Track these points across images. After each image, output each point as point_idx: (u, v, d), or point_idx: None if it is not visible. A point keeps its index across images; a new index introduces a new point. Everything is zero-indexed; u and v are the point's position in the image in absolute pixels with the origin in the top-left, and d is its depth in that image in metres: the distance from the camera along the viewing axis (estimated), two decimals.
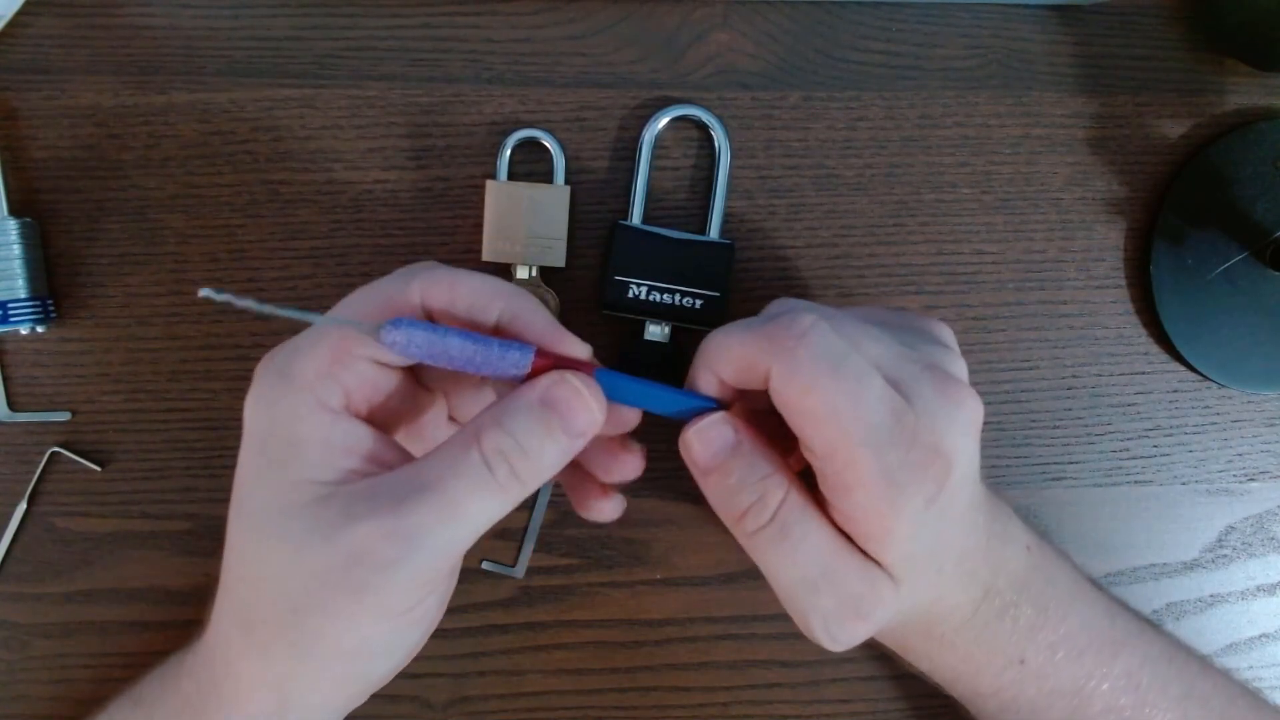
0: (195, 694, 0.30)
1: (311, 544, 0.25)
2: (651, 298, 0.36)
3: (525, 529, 0.39)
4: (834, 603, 0.28)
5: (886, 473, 0.26)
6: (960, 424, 0.27)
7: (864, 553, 0.28)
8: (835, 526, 0.28)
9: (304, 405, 0.26)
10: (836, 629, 0.28)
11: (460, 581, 0.37)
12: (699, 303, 0.37)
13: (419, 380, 0.30)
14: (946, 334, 0.31)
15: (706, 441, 0.28)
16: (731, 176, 0.38)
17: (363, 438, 0.27)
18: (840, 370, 0.26)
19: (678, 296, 0.36)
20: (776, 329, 0.27)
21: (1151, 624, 0.35)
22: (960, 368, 0.30)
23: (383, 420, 0.28)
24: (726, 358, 0.28)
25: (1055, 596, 0.33)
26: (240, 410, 0.27)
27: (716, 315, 0.37)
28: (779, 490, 0.28)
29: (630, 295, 0.36)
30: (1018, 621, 0.32)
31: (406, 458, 0.27)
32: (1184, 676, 0.34)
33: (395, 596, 0.25)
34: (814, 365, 0.26)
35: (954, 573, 0.30)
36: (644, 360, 0.37)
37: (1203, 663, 0.35)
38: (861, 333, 0.28)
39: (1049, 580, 0.33)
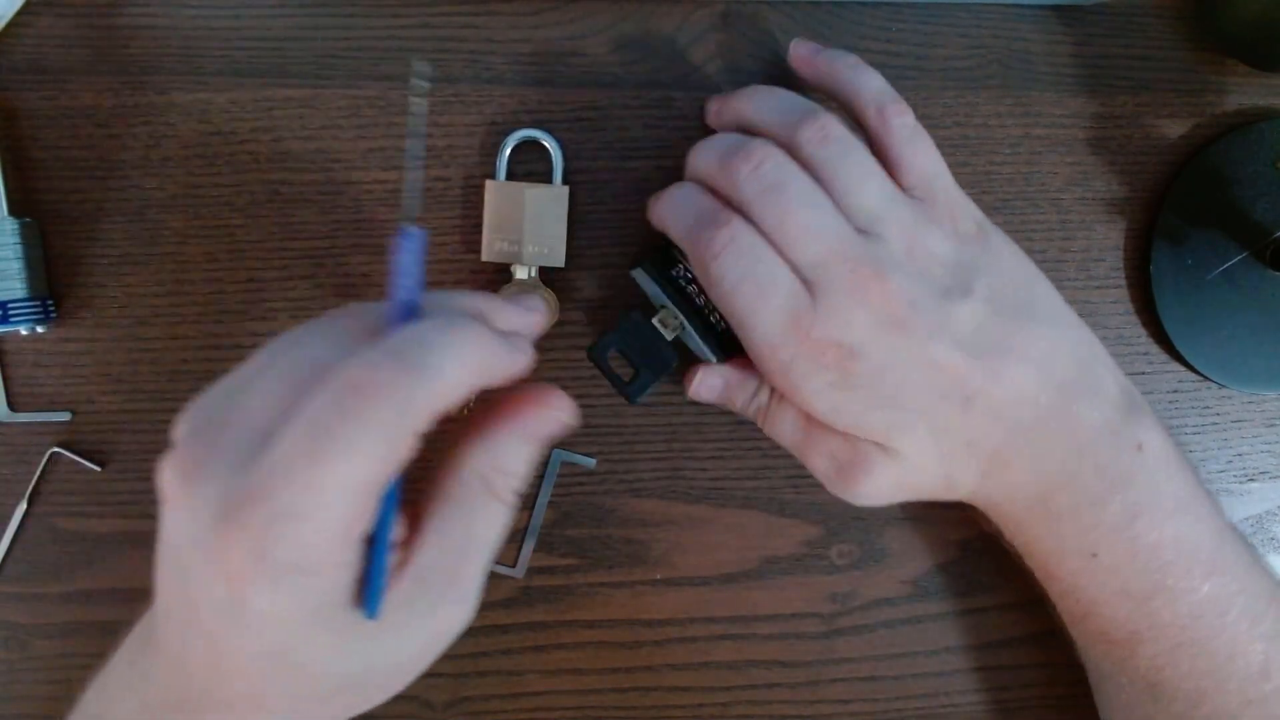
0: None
1: (376, 654, 0.25)
2: (690, 290, 0.34)
3: (525, 529, 0.39)
4: (825, 464, 0.34)
5: (784, 365, 0.31)
6: (863, 318, 0.30)
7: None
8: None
9: (330, 613, 0.23)
10: (840, 488, 0.34)
11: None
12: (723, 327, 0.35)
13: None
14: (941, 219, 0.32)
15: (708, 392, 0.36)
16: None
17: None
18: (742, 283, 0.31)
19: (715, 315, 0.35)
20: (700, 238, 0.31)
21: (1265, 563, 0.34)
22: (915, 251, 0.31)
23: None
24: (667, 228, 0.34)
25: (1155, 503, 0.32)
26: None
27: (724, 351, 0.35)
28: (766, 398, 0.35)
29: (675, 273, 0.35)
30: (1100, 516, 0.32)
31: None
32: (1274, 612, 0.33)
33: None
34: (722, 277, 0.31)
35: (1001, 448, 0.32)
36: (632, 342, 0.35)
37: None
38: (802, 227, 0.30)
39: (1154, 486, 0.32)
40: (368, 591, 0.24)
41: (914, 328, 0.30)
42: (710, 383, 0.36)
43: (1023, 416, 0.32)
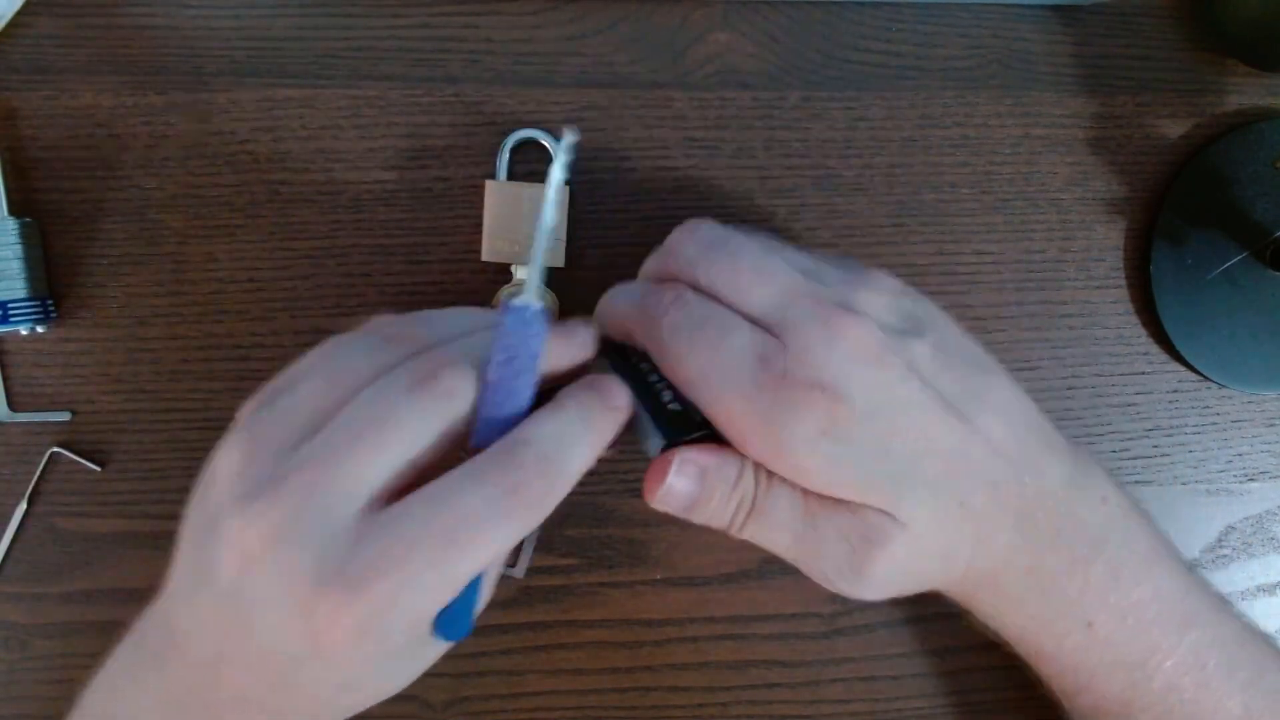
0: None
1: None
2: (644, 367, 0.30)
3: None
4: (834, 549, 0.29)
5: (762, 415, 0.27)
6: (842, 353, 0.27)
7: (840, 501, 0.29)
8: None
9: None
10: (852, 575, 0.29)
11: None
12: (676, 408, 0.29)
13: None
14: (876, 276, 0.30)
15: (682, 488, 0.29)
16: (734, 175, 0.38)
17: None
18: (697, 336, 0.28)
19: (668, 393, 0.30)
20: (644, 307, 0.29)
21: (1227, 603, 0.33)
22: (863, 297, 0.29)
23: None
24: (613, 326, 0.31)
25: (1131, 559, 0.31)
26: (238, 406, 0.27)
27: (673, 432, 0.29)
28: (751, 484, 0.29)
29: (630, 356, 0.31)
30: (1088, 580, 0.31)
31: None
32: (1254, 662, 0.32)
33: None
34: (674, 339, 0.28)
35: (988, 508, 0.29)
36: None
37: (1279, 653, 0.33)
38: (754, 270, 0.29)
39: (1126, 540, 0.31)
40: (449, 615, 0.25)
41: (890, 364, 0.28)
42: (684, 477, 0.29)
43: (998, 472, 0.30)
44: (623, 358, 0.30)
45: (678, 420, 0.29)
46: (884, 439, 0.28)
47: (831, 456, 0.28)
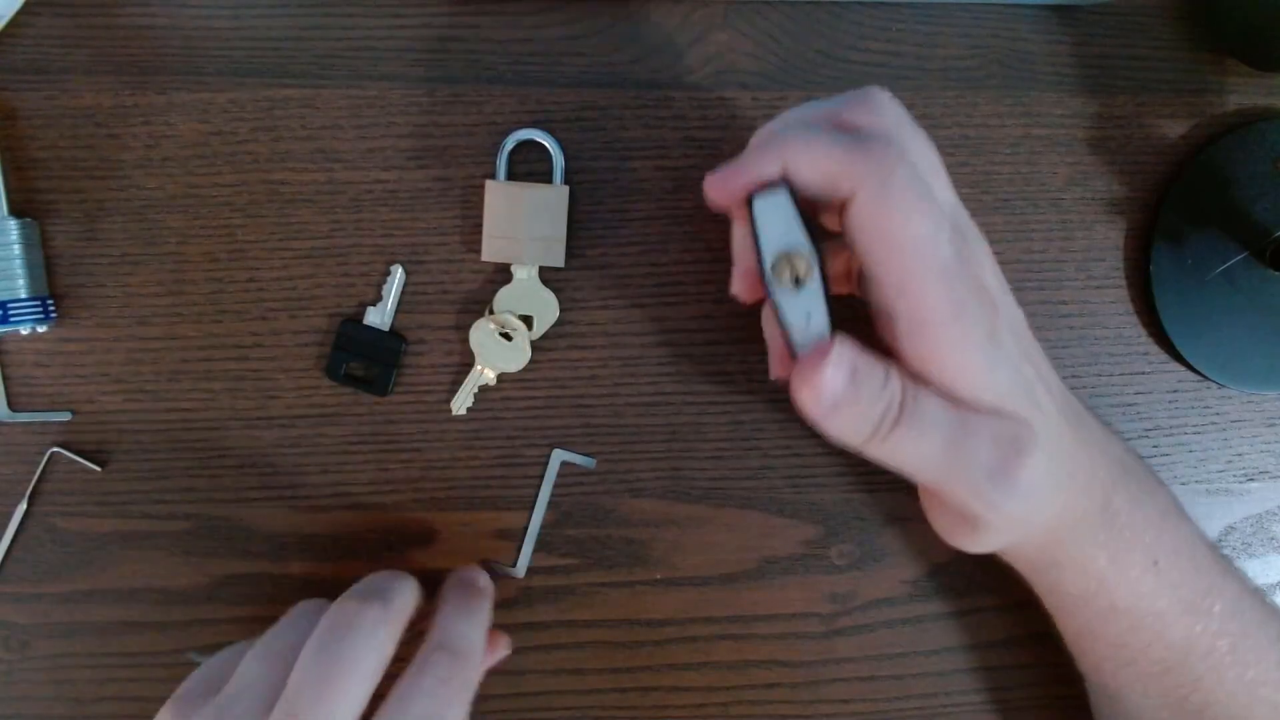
0: None
1: None
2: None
3: (525, 529, 0.39)
4: (987, 452, 0.28)
5: (956, 305, 0.27)
6: (992, 264, 0.30)
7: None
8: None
9: None
10: (1005, 478, 0.28)
11: None
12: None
13: None
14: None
15: (831, 391, 0.28)
16: None
17: None
18: (925, 204, 0.27)
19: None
20: (872, 152, 0.27)
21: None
22: None
23: None
24: (809, 161, 0.27)
25: (1170, 499, 0.32)
26: (238, 406, 0.27)
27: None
28: (899, 386, 0.28)
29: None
30: (1149, 517, 0.31)
31: None
32: (1277, 618, 0.33)
33: None
34: (905, 196, 0.27)
35: (1088, 437, 0.31)
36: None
37: None
38: (935, 168, 0.29)
39: (1159, 481, 0.33)
40: None
41: (1006, 286, 0.30)
42: (837, 371, 0.27)
43: (1067, 405, 0.32)
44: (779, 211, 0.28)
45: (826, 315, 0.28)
46: (1022, 351, 0.30)
47: (992, 360, 0.28)
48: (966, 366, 0.28)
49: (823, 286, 0.28)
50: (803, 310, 0.28)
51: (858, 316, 0.31)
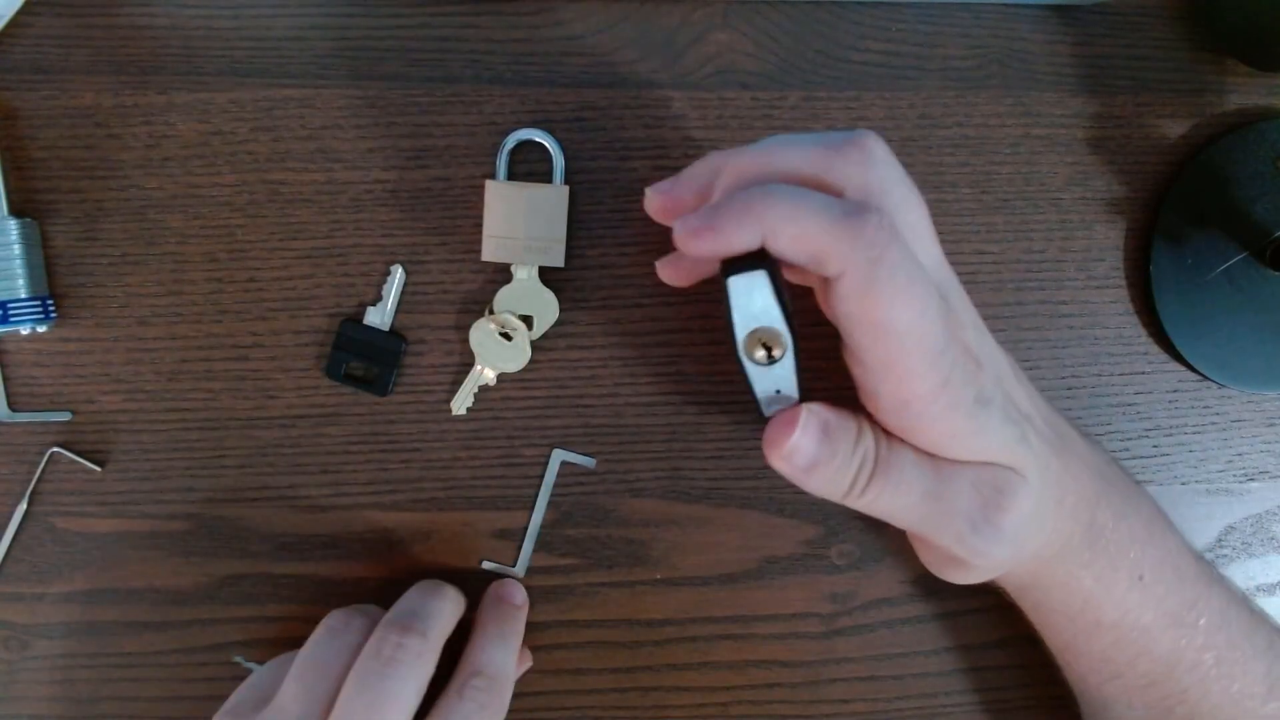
0: None
1: None
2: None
3: (525, 529, 0.39)
4: (968, 499, 0.28)
5: (941, 381, 0.27)
6: (972, 315, 0.29)
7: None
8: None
9: None
10: (987, 525, 0.28)
11: (460, 582, 0.38)
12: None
13: None
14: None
15: (804, 452, 0.28)
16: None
17: None
18: (913, 288, 0.25)
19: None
20: (862, 232, 0.25)
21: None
22: None
23: None
24: (793, 235, 0.25)
25: (1154, 511, 0.33)
26: (238, 406, 0.27)
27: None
28: (872, 442, 0.28)
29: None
30: (1134, 530, 0.32)
31: None
32: (1264, 628, 0.33)
33: None
34: (894, 283, 0.25)
35: (1071, 463, 0.31)
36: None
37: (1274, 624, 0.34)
38: (922, 231, 0.28)
39: (1141, 494, 0.33)
40: None
41: (984, 330, 0.30)
42: (808, 434, 0.28)
43: (1064, 426, 0.32)
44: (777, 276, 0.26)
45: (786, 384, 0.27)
46: (1007, 397, 0.29)
47: (980, 424, 0.28)
48: (954, 435, 0.28)
49: (795, 363, 0.28)
50: (772, 384, 0.28)
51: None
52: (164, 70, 0.37)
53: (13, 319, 0.36)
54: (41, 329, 0.37)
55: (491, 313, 0.38)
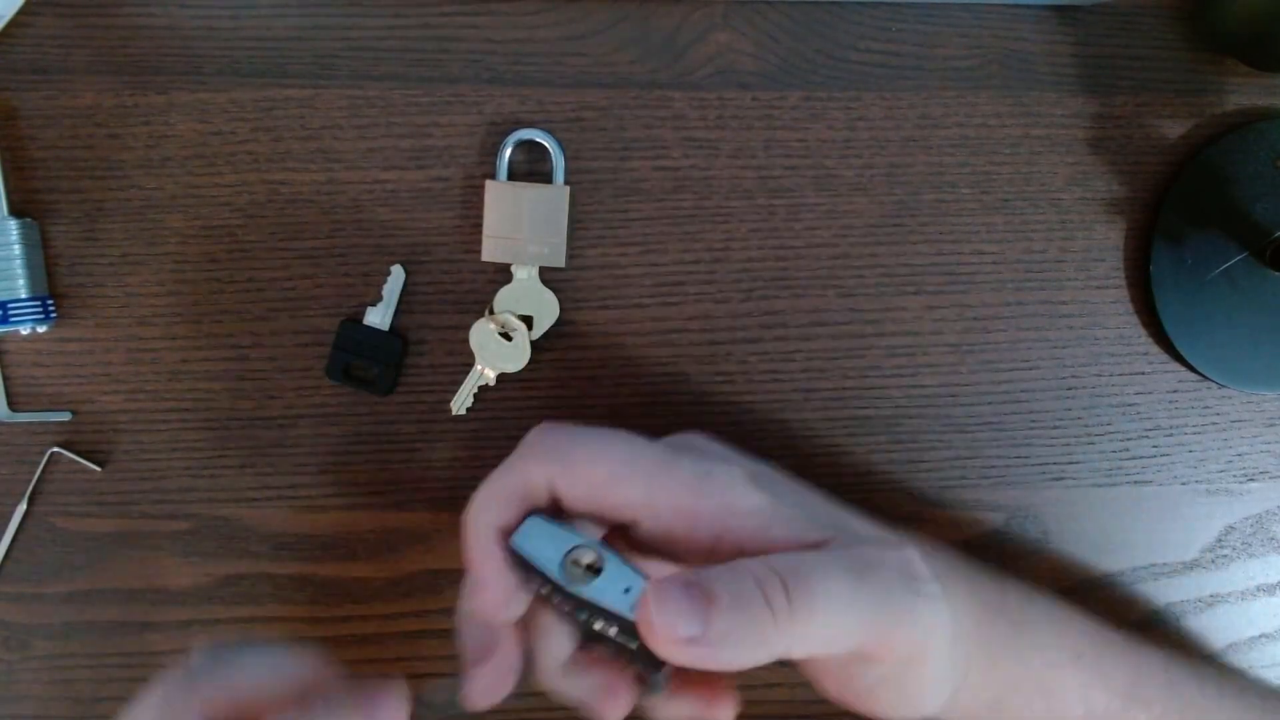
0: None
1: None
2: None
3: None
4: (892, 577, 0.27)
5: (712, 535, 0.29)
6: (711, 445, 0.33)
7: None
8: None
9: None
10: (904, 606, 0.27)
11: (459, 582, 0.38)
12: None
13: None
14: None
15: (694, 612, 0.25)
16: (734, 175, 0.38)
17: None
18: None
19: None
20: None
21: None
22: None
23: None
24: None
25: (1019, 592, 0.34)
26: (238, 406, 0.27)
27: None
28: (763, 566, 0.26)
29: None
30: (1037, 635, 0.33)
31: None
32: (1209, 669, 0.34)
33: None
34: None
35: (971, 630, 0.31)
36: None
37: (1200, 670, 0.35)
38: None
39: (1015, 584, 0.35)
40: None
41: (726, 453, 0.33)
42: (690, 594, 0.25)
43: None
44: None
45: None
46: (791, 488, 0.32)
47: (770, 501, 0.29)
48: (752, 518, 0.29)
49: (618, 556, 0.27)
50: (617, 587, 0.27)
51: None
52: (164, 70, 0.37)
53: (13, 319, 0.36)
54: (42, 329, 0.37)
55: (491, 313, 0.38)
